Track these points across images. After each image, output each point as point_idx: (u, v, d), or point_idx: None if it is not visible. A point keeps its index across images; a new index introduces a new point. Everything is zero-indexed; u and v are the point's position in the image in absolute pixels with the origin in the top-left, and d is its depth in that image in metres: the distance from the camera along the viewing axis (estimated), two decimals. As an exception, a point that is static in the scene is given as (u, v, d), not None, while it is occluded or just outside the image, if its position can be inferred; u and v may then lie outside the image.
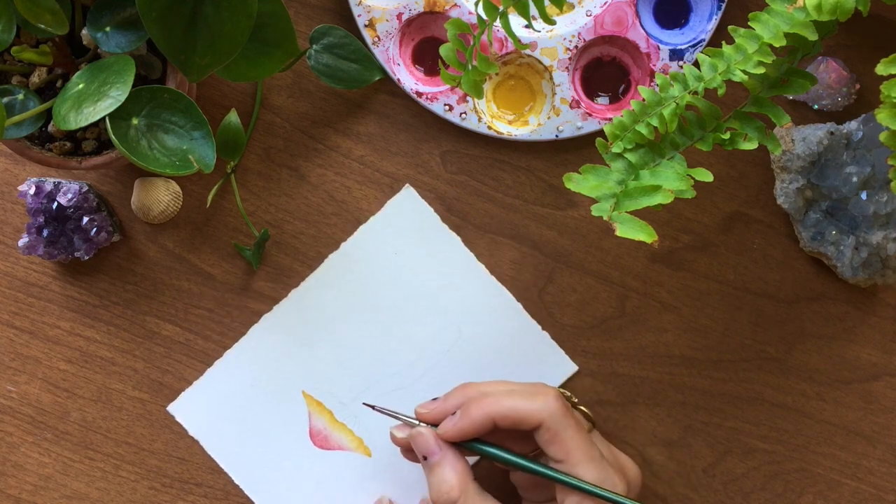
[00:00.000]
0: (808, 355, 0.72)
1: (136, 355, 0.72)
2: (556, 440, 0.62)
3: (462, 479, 0.62)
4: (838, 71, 0.69)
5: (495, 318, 0.71)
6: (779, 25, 0.58)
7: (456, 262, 0.71)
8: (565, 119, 0.70)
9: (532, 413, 0.62)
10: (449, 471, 0.62)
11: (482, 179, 0.72)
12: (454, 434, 0.63)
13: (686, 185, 0.58)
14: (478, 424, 0.62)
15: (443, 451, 0.63)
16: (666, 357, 0.72)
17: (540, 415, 0.61)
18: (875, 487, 0.71)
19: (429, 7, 0.70)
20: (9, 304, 0.72)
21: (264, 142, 0.72)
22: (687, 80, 0.60)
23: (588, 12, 0.70)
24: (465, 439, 0.63)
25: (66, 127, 0.58)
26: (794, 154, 0.68)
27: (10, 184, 0.72)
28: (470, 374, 0.71)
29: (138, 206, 0.71)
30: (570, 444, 0.61)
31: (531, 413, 0.62)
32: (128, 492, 0.72)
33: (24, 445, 0.72)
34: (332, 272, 0.72)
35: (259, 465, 0.72)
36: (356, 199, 0.72)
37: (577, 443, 0.62)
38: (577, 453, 0.61)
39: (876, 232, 0.68)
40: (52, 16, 0.58)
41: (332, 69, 0.69)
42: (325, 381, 0.72)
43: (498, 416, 0.62)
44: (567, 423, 0.62)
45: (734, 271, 0.71)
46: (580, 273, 0.72)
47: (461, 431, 0.62)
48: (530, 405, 0.62)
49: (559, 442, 0.62)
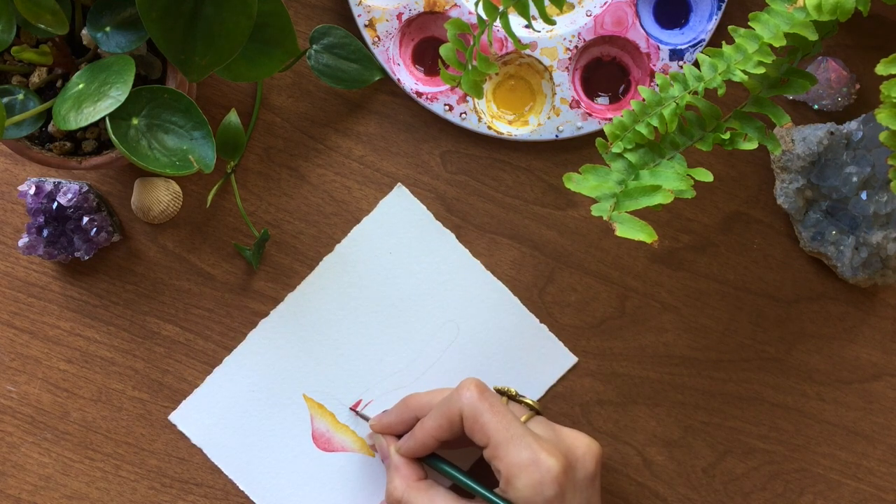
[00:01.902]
0: (808, 355, 0.72)
1: (136, 355, 0.72)
2: (476, 426, 0.62)
3: (404, 480, 0.65)
4: (838, 71, 0.69)
5: (493, 313, 0.71)
6: (779, 25, 0.58)
7: (451, 259, 0.71)
8: (565, 119, 0.70)
9: (451, 408, 0.63)
10: (394, 472, 0.66)
11: (482, 179, 0.72)
12: (405, 453, 0.66)
13: (686, 185, 0.58)
14: (420, 443, 0.65)
15: (392, 454, 0.67)
16: (666, 357, 0.72)
17: (458, 406, 0.63)
18: (875, 487, 0.71)
19: (429, 7, 0.70)
20: (9, 304, 0.72)
21: (264, 142, 0.72)
22: (687, 80, 0.60)
23: (588, 12, 0.70)
24: (416, 456, 0.66)
25: (66, 127, 0.58)
26: (794, 154, 0.68)
27: (10, 184, 0.72)
28: (470, 370, 0.71)
29: (138, 206, 0.71)
30: (488, 426, 0.61)
31: (450, 409, 0.63)
32: (128, 492, 0.72)
33: (24, 445, 0.72)
34: (327, 274, 0.72)
35: (262, 470, 0.72)
36: (356, 199, 0.72)
37: (494, 424, 0.61)
38: (496, 435, 0.61)
39: (876, 232, 0.68)
40: (52, 16, 0.58)
41: (332, 69, 0.69)
42: (325, 384, 0.72)
43: (432, 427, 0.64)
44: (482, 407, 0.62)
45: (734, 271, 0.71)
46: (580, 273, 0.72)
47: (409, 450, 0.66)
48: (447, 401, 0.63)
49: (478, 427, 0.62)
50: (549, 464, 0.60)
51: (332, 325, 0.71)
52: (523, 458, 0.60)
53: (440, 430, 0.64)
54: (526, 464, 0.60)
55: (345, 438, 0.72)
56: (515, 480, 0.60)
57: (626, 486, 0.72)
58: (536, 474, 0.60)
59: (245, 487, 0.72)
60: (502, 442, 0.61)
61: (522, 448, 0.60)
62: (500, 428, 0.61)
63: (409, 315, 0.72)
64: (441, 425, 0.64)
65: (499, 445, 0.61)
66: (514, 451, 0.60)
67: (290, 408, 0.72)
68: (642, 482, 0.72)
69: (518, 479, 0.60)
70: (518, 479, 0.60)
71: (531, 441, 0.61)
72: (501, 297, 0.71)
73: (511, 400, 0.67)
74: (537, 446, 0.61)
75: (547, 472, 0.60)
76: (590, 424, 0.72)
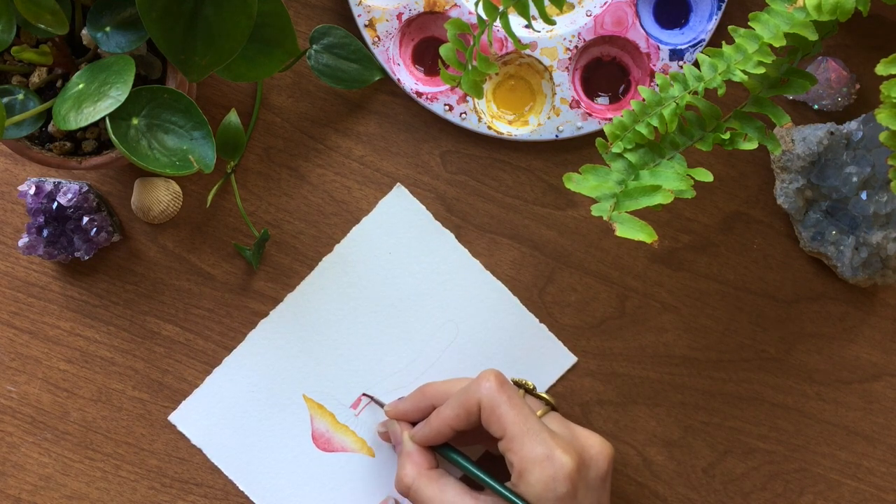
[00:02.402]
0: (808, 355, 0.72)
1: (136, 355, 0.72)
2: (493, 417, 0.62)
3: (416, 468, 0.65)
4: (838, 71, 0.69)
5: (492, 312, 0.71)
6: (779, 25, 0.58)
7: (450, 258, 0.71)
8: (565, 119, 0.70)
9: (469, 398, 0.63)
10: (406, 459, 0.66)
11: (482, 179, 0.72)
12: (420, 441, 0.66)
13: (686, 185, 0.58)
14: (436, 430, 0.65)
15: (405, 441, 0.67)
16: (666, 357, 0.72)
17: (476, 396, 0.63)
18: (875, 487, 0.71)
19: (429, 7, 0.70)
20: (9, 304, 0.72)
21: (264, 142, 0.72)
22: (687, 80, 0.60)
23: (588, 12, 0.70)
24: (430, 444, 0.66)
25: (66, 127, 0.58)
26: (794, 154, 0.68)
27: (10, 184, 0.72)
28: (469, 369, 0.71)
29: (138, 206, 0.71)
30: (505, 418, 0.61)
31: (469, 398, 0.63)
32: (128, 492, 0.72)
33: (24, 445, 0.72)
34: (327, 274, 0.72)
35: (262, 471, 0.72)
36: (356, 199, 0.72)
37: (511, 417, 0.61)
38: (512, 427, 0.61)
39: (876, 232, 0.68)
40: (52, 16, 0.58)
41: (332, 69, 0.69)
42: (325, 384, 0.72)
43: (449, 416, 0.64)
44: (500, 399, 0.62)
45: (734, 271, 0.71)
46: (580, 273, 0.72)
47: (424, 438, 0.66)
48: (466, 391, 0.63)
49: (495, 418, 0.62)
50: (563, 460, 0.60)
51: (332, 325, 0.71)
52: (538, 453, 0.60)
53: (457, 419, 0.63)
54: (540, 459, 0.60)
55: (345, 438, 0.72)
56: (528, 475, 0.60)
57: (626, 486, 0.72)
58: (550, 470, 0.60)
59: (245, 487, 0.72)
60: (518, 435, 0.61)
61: (537, 443, 0.60)
62: (516, 421, 0.61)
63: (409, 315, 0.72)
64: (458, 414, 0.63)
65: (514, 438, 0.61)
66: (528, 445, 0.60)
67: (290, 408, 0.72)
68: (642, 482, 0.72)
69: (531, 473, 0.60)
70: (531, 474, 0.60)
71: (546, 437, 0.61)
72: (501, 297, 0.71)
73: (528, 394, 0.66)
74: (552, 442, 0.61)
75: (560, 469, 0.60)
76: (590, 424, 0.71)
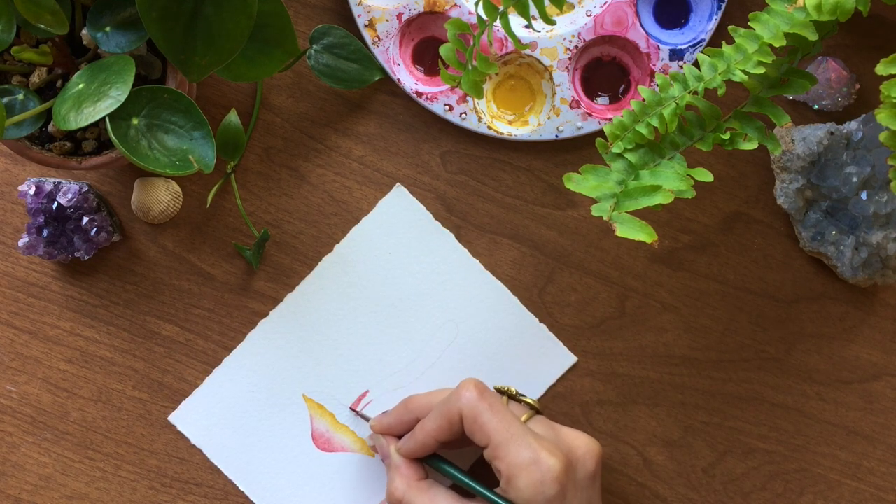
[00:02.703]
0: (808, 355, 0.72)
1: (136, 355, 0.72)
2: (475, 426, 0.62)
3: (405, 480, 0.65)
4: (838, 71, 0.69)
5: (492, 312, 0.71)
6: (779, 25, 0.58)
7: (450, 258, 0.71)
8: (565, 119, 0.70)
9: (450, 409, 0.63)
10: (395, 472, 0.66)
11: (482, 179, 0.72)
12: (406, 454, 0.66)
13: (686, 185, 0.58)
14: (420, 444, 0.65)
15: (392, 455, 0.67)
16: (666, 357, 0.72)
17: (457, 407, 0.63)
18: (875, 487, 0.71)
19: (429, 7, 0.70)
20: (9, 304, 0.72)
21: (264, 142, 0.72)
22: (687, 80, 0.60)
23: (588, 12, 0.70)
24: (417, 457, 0.66)
25: (66, 127, 0.58)
26: (794, 154, 0.68)
27: (10, 184, 0.72)
28: (469, 369, 0.71)
29: (138, 206, 0.71)
30: (488, 426, 0.61)
31: (450, 410, 0.63)
32: (128, 492, 0.72)
33: (24, 445, 0.72)
34: (327, 274, 0.72)
35: (262, 471, 0.72)
36: (356, 199, 0.72)
37: (494, 424, 0.61)
38: (496, 435, 0.61)
39: (876, 232, 0.68)
40: (52, 16, 0.58)
41: (332, 69, 0.69)
42: (324, 384, 0.72)
43: (432, 428, 0.64)
44: (482, 407, 0.62)
45: (734, 271, 0.71)
46: (580, 273, 0.72)
47: (410, 451, 0.66)
48: (447, 402, 0.63)
49: (478, 427, 0.62)
50: (549, 463, 0.60)
51: (332, 325, 0.71)
52: (524, 458, 0.60)
53: (440, 431, 0.64)
54: (527, 463, 0.60)
55: (344, 438, 0.72)
56: (516, 480, 0.60)
57: (626, 486, 0.72)
58: (537, 474, 0.60)
59: (245, 487, 0.72)
60: (502, 442, 0.61)
61: (523, 448, 0.60)
62: (500, 428, 0.61)
63: (409, 315, 0.72)
64: (441, 426, 0.63)
65: (499, 445, 0.61)
66: (514, 450, 0.60)
67: (290, 408, 0.72)
68: (642, 482, 0.72)
69: (519, 478, 0.60)
70: (519, 479, 0.60)
71: (531, 441, 0.61)
72: (501, 297, 0.71)
73: (511, 399, 0.66)
74: (538, 446, 0.60)
75: (548, 472, 0.60)
76: (590, 424, 0.71)
